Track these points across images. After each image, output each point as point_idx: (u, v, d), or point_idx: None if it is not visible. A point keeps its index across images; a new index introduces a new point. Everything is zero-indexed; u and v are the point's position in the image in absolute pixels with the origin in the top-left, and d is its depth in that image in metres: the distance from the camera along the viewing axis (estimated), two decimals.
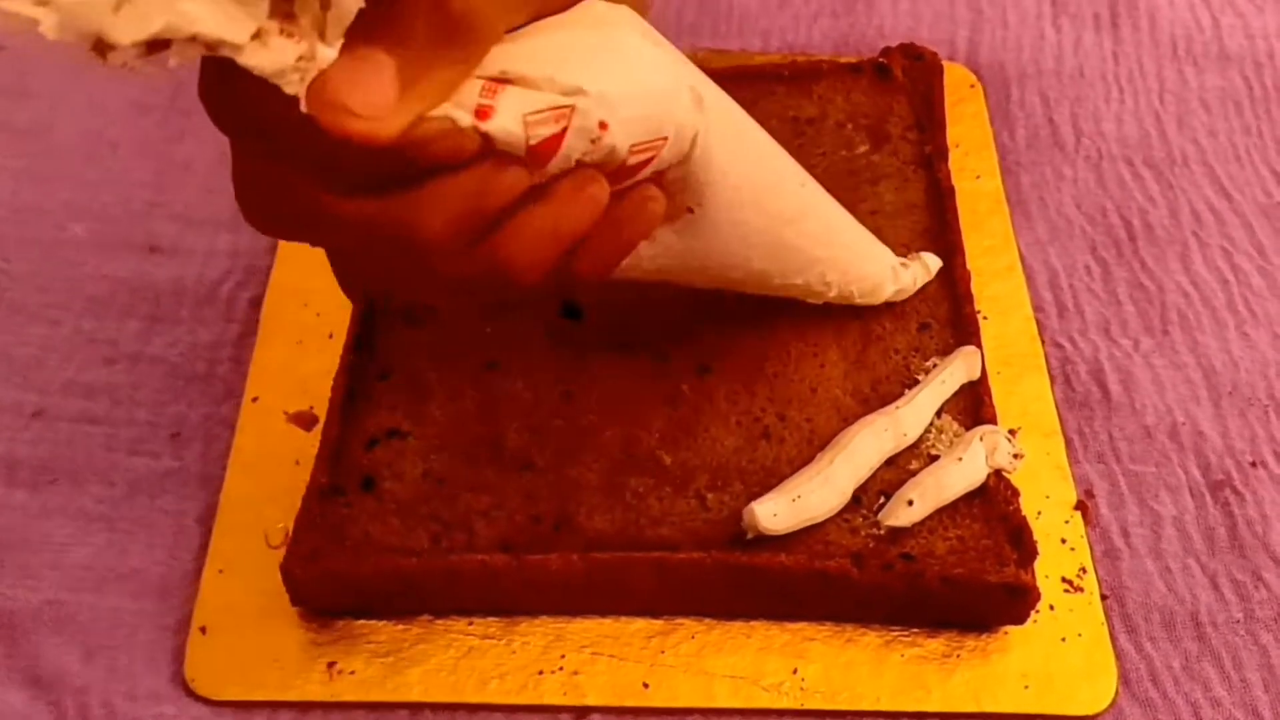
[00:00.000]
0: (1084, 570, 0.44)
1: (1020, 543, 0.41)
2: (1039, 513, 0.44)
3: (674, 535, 0.41)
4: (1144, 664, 0.42)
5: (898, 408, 0.44)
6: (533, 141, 0.30)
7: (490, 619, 0.42)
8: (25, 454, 0.46)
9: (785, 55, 0.58)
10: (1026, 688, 0.41)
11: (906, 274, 0.46)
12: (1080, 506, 0.45)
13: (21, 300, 0.50)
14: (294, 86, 0.27)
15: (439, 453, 0.43)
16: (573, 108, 0.30)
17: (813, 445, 0.43)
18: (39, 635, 0.42)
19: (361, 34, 0.27)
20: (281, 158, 0.29)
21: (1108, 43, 0.61)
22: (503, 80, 0.29)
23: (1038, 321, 0.50)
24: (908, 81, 0.54)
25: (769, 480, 0.42)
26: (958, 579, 0.40)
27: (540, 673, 0.41)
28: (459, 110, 0.29)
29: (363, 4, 0.27)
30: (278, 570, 0.40)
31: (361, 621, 0.42)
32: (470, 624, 0.42)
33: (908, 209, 0.50)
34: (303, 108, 0.27)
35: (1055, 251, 0.53)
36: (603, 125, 0.30)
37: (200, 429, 0.46)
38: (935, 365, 0.45)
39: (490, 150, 0.29)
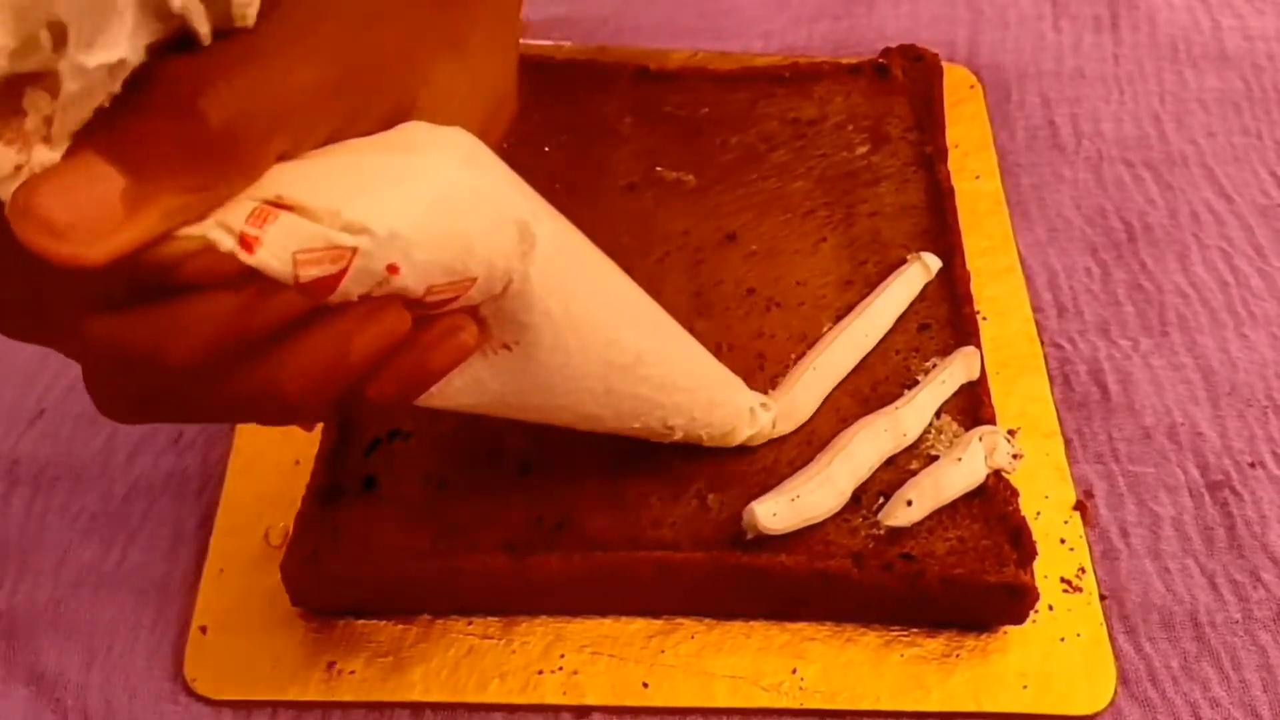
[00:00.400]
0: (1083, 570, 0.44)
1: (1019, 543, 0.41)
2: (1038, 513, 0.44)
3: (674, 535, 0.41)
4: (1143, 664, 0.42)
5: (897, 408, 0.44)
6: (303, 280, 0.25)
7: (490, 619, 0.42)
8: (27, 454, 0.46)
9: (785, 57, 0.58)
10: (1025, 687, 0.41)
11: (766, 415, 0.42)
12: (1079, 507, 0.45)
13: None
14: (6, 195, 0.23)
15: (440, 454, 0.43)
16: (355, 250, 0.25)
17: (812, 445, 0.43)
18: (40, 635, 0.42)
19: (94, 139, 0.23)
20: (13, 269, 0.25)
21: (1107, 44, 0.61)
22: (279, 205, 0.25)
23: (1037, 322, 0.50)
24: (907, 82, 0.54)
25: (768, 480, 0.42)
26: (957, 579, 0.40)
27: (540, 672, 0.41)
28: (220, 232, 0.25)
29: (103, 101, 0.23)
30: (278, 570, 0.40)
31: (362, 622, 0.42)
32: (470, 624, 0.42)
33: (907, 210, 0.50)
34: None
35: (1054, 252, 0.53)
36: (392, 269, 0.26)
37: (201, 430, 0.47)
38: (935, 366, 0.46)
39: (254, 275, 0.25)
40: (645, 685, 0.41)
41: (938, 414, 0.44)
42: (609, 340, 0.34)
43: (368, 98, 0.27)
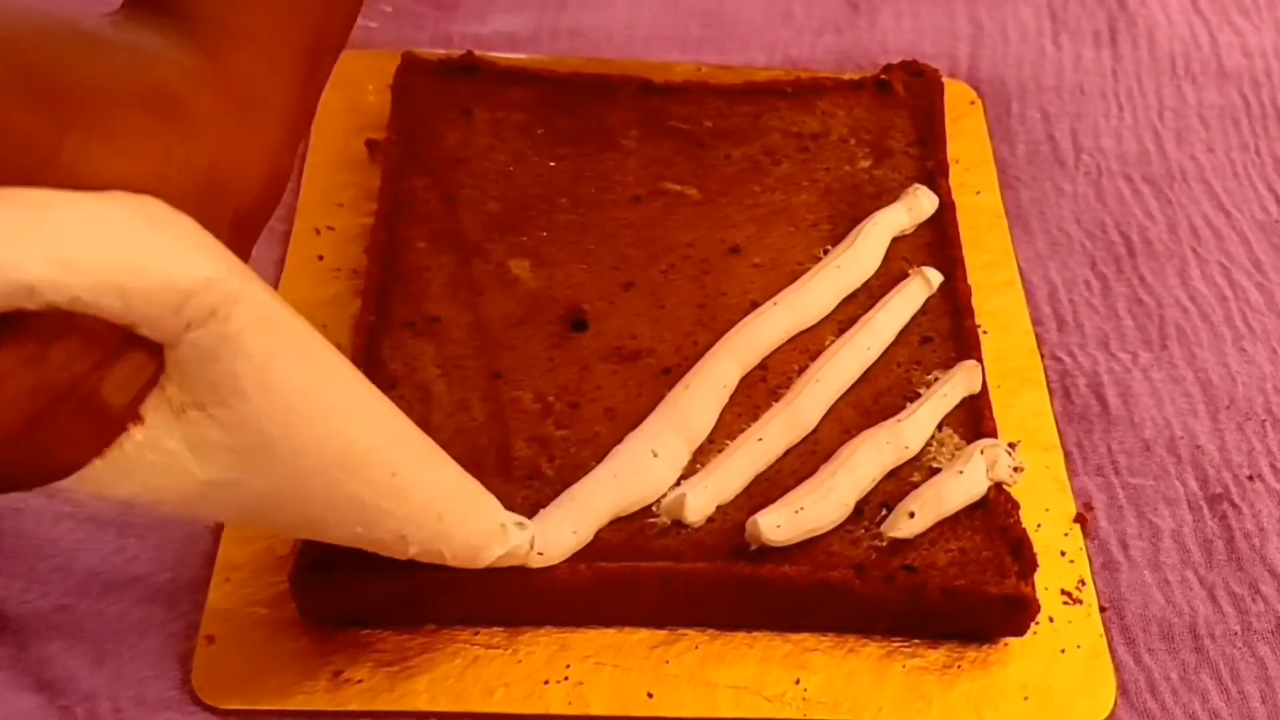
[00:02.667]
0: (1083, 582, 0.44)
1: (1020, 555, 0.41)
2: (1038, 525, 0.45)
3: (678, 546, 0.42)
4: (1142, 675, 0.42)
5: (899, 421, 0.44)
6: None
7: (495, 629, 0.42)
8: None
9: (788, 71, 0.58)
10: (1026, 699, 0.41)
11: (521, 534, 0.39)
12: (1079, 519, 0.45)
13: None
14: None
15: None
16: None
17: (815, 457, 0.44)
18: (48, 640, 0.42)
19: None
20: None
21: (1107, 59, 0.61)
22: None
23: (1037, 335, 0.51)
24: (909, 97, 0.55)
25: (772, 492, 0.43)
26: (958, 590, 0.41)
27: (545, 682, 0.41)
28: None
29: None
30: (285, 580, 0.41)
31: (367, 631, 0.42)
32: (475, 634, 0.42)
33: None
34: None
35: (1055, 266, 0.53)
36: None
37: None
38: (936, 379, 0.46)
39: None
40: (649, 695, 0.41)
41: (939, 427, 0.45)
42: (329, 431, 0.32)
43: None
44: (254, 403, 0.29)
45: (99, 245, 0.25)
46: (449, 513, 0.37)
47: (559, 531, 0.41)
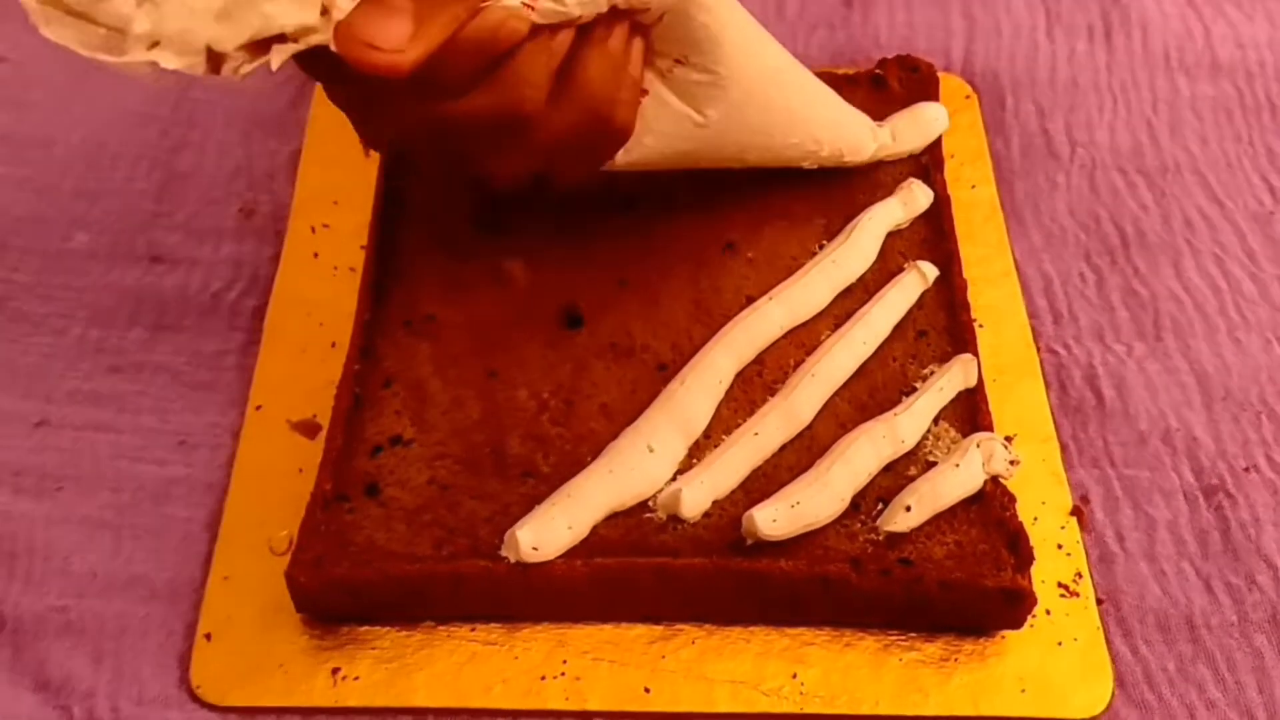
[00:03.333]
0: (1079, 575, 0.44)
1: (1017, 548, 0.42)
2: (1035, 518, 0.45)
3: (675, 541, 0.42)
4: (1139, 667, 0.43)
5: (895, 415, 0.44)
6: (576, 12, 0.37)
7: (493, 625, 0.42)
8: (32, 462, 0.46)
9: None
10: (1023, 691, 0.41)
11: (884, 132, 0.51)
12: (1076, 512, 0.46)
13: (26, 309, 0.51)
14: (322, 36, 0.32)
15: (442, 460, 0.43)
16: None
17: (811, 452, 0.44)
18: (47, 640, 0.42)
19: None
20: (395, 96, 0.36)
21: (1101, 53, 0.62)
22: None
23: (1033, 328, 0.51)
24: (904, 92, 0.55)
25: (768, 487, 0.43)
26: (955, 584, 0.41)
27: (543, 678, 0.41)
28: (513, 3, 0.35)
29: None
30: (282, 577, 0.41)
31: (365, 628, 0.42)
32: (473, 630, 0.42)
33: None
34: (332, 47, 0.32)
35: (1050, 259, 0.53)
36: None
37: (205, 436, 0.47)
38: (932, 373, 0.46)
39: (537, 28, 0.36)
40: (647, 690, 0.41)
41: (936, 420, 0.45)
42: (766, 61, 0.44)
43: None
44: (718, 44, 0.41)
45: None
46: (841, 117, 0.50)
47: (555, 527, 0.41)
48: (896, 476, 0.43)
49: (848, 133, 0.50)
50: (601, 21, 0.39)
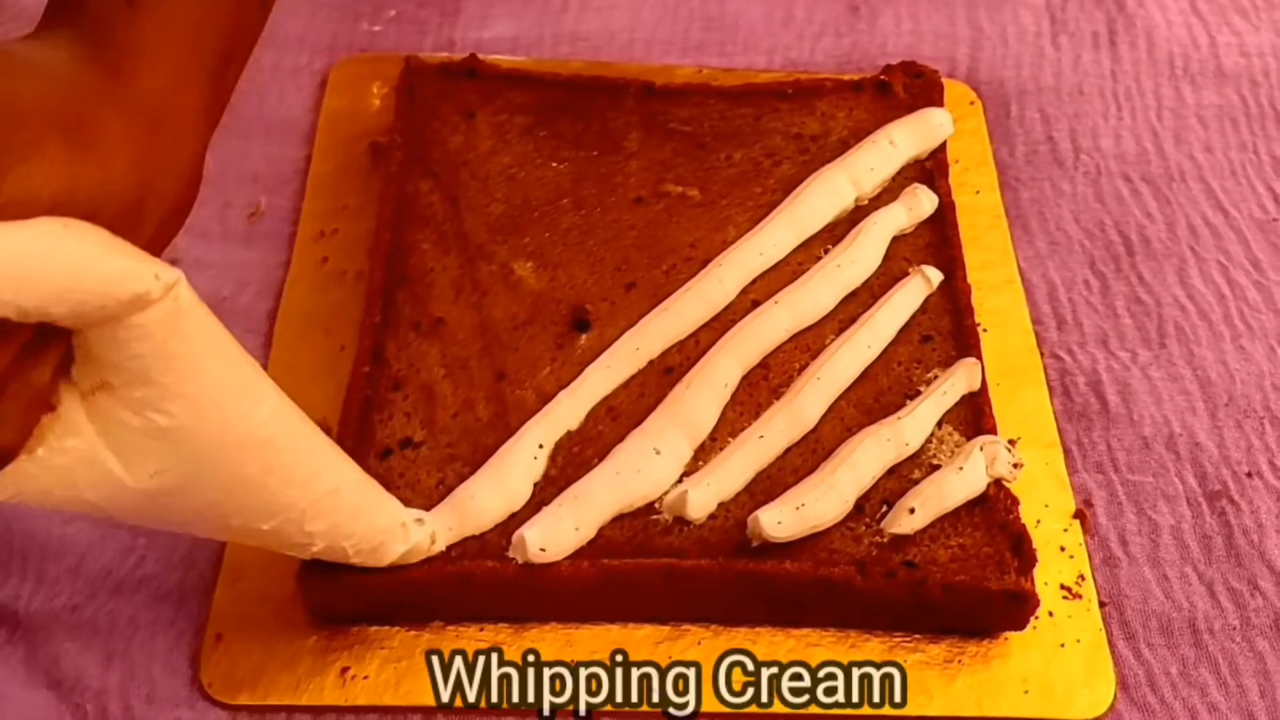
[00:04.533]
0: (1083, 578, 0.44)
1: (1020, 550, 0.42)
2: (1038, 521, 0.45)
3: (681, 543, 0.42)
4: (1142, 670, 0.43)
5: (900, 418, 0.44)
6: None
7: (501, 625, 0.42)
8: None
9: (789, 73, 0.59)
10: (1026, 693, 0.42)
11: (421, 531, 0.40)
12: (1079, 515, 0.46)
13: None
14: None
15: (451, 462, 0.44)
16: None
17: (816, 455, 0.44)
18: (60, 639, 0.42)
19: None
20: None
21: (1106, 60, 0.62)
22: None
23: (1037, 334, 0.51)
24: (909, 98, 0.55)
25: (774, 489, 0.43)
26: (959, 586, 0.41)
27: None
28: None
29: None
30: (293, 577, 0.41)
31: (374, 628, 0.42)
32: (481, 630, 0.42)
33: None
34: None
35: (1054, 265, 0.54)
36: None
37: None
38: (936, 377, 0.46)
39: None
40: None
41: (940, 424, 0.45)
42: (237, 413, 0.33)
43: None
44: (163, 386, 0.31)
45: (42, 264, 0.27)
46: (352, 507, 0.38)
47: (562, 528, 0.41)
48: (901, 479, 0.44)
49: (358, 530, 0.38)
50: None
